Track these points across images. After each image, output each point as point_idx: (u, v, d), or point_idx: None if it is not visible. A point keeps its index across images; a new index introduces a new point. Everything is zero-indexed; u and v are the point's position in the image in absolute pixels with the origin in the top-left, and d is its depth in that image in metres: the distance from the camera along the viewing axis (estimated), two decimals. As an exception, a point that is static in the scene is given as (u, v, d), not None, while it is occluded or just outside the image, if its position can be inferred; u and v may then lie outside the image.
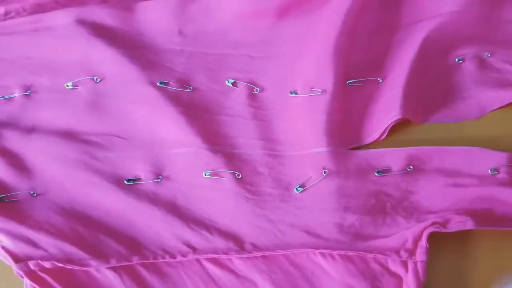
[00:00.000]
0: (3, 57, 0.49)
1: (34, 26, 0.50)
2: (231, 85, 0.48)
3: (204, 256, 0.42)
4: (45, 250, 0.42)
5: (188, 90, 0.48)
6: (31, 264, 0.41)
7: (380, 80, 0.48)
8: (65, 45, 0.49)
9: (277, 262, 0.43)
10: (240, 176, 0.45)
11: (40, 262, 0.41)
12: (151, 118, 0.46)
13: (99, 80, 0.48)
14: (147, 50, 0.49)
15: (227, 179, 0.45)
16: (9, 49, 0.49)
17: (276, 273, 0.42)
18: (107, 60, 0.48)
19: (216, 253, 0.42)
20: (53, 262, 0.41)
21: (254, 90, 0.48)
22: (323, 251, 0.42)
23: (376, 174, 0.45)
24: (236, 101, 0.48)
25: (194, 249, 0.42)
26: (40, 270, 0.42)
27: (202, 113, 0.47)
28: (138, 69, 0.47)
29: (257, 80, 0.49)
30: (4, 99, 0.47)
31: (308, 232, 0.43)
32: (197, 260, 0.42)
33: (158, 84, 0.47)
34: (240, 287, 0.42)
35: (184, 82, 0.48)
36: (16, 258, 0.42)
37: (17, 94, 0.47)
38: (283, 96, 0.48)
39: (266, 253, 0.42)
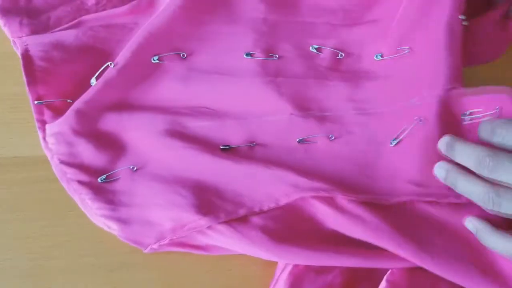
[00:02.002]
0: (100, 48, 0.49)
1: (133, 19, 0.50)
2: (315, 51, 0.49)
3: (309, 193, 0.41)
4: (159, 224, 0.42)
5: (274, 58, 0.48)
6: (155, 246, 0.41)
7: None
8: (153, 24, 0.48)
9: (381, 206, 0.42)
10: (333, 138, 0.45)
11: (160, 243, 0.41)
12: (240, 89, 0.47)
13: (185, 55, 0.48)
14: (232, 20, 0.49)
15: (320, 142, 0.45)
16: (107, 42, 0.49)
17: (382, 213, 0.41)
18: (192, 37, 0.48)
19: (318, 190, 0.41)
20: (170, 237, 0.41)
21: (339, 55, 0.48)
22: (427, 199, 0.41)
23: (462, 117, 0.43)
24: (322, 66, 0.48)
25: (297, 186, 0.42)
26: (166, 245, 0.42)
27: (289, 79, 0.47)
28: (225, 42, 0.48)
29: (341, 46, 0.49)
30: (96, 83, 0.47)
31: (409, 182, 0.42)
32: (304, 200, 0.42)
33: (244, 56, 0.48)
34: (347, 222, 0.41)
35: (269, 51, 0.48)
36: (140, 244, 0.42)
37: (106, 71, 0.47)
38: (369, 60, 0.48)
39: (371, 199, 0.41)
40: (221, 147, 0.45)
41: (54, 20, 0.50)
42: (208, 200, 0.42)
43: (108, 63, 0.47)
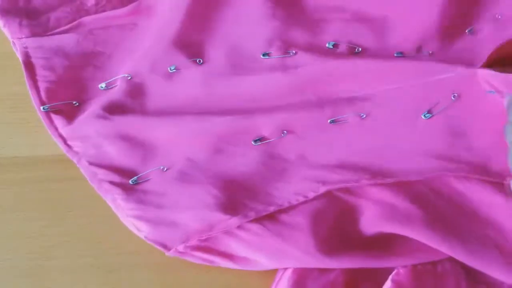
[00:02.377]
0: (101, 51, 0.49)
1: (133, 20, 0.50)
2: (332, 47, 0.48)
3: (336, 186, 0.41)
4: (186, 225, 0.41)
5: (291, 54, 0.47)
6: (180, 248, 0.41)
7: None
8: (163, 31, 0.49)
9: (412, 187, 0.42)
10: (364, 116, 0.44)
11: (187, 244, 0.41)
12: (262, 86, 0.46)
13: (202, 61, 0.48)
14: (242, 20, 0.49)
15: (352, 121, 0.44)
16: (107, 44, 0.49)
17: (413, 191, 0.41)
18: (206, 42, 0.48)
19: (347, 182, 0.41)
20: (198, 237, 0.40)
21: (356, 50, 0.48)
22: (458, 174, 0.41)
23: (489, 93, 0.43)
24: (343, 55, 0.48)
25: (324, 182, 0.42)
26: (191, 250, 0.41)
27: (311, 68, 0.46)
28: (239, 43, 0.48)
29: (356, 41, 0.48)
30: (107, 89, 0.47)
31: (439, 157, 0.42)
32: (330, 193, 0.42)
33: (261, 57, 0.47)
34: (379, 210, 0.41)
35: (285, 48, 0.48)
36: (165, 246, 0.41)
37: (118, 83, 0.47)
38: (389, 55, 0.48)
39: (399, 180, 0.41)
40: (253, 141, 0.44)
41: (54, 21, 0.50)
42: (237, 199, 0.42)
43: (126, 75, 0.47)
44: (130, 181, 0.43)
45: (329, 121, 0.45)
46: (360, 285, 0.41)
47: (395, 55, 0.47)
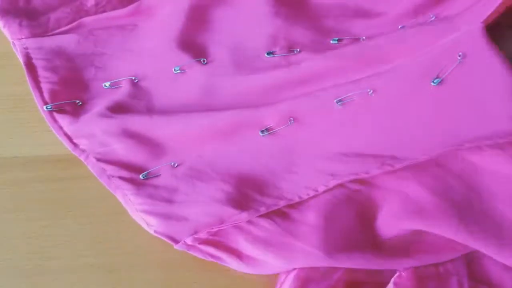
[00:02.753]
0: (102, 51, 0.49)
1: (133, 20, 0.50)
2: (336, 42, 0.48)
3: (346, 178, 0.41)
4: (197, 221, 0.41)
5: (295, 52, 0.47)
6: (188, 240, 0.41)
7: None
8: (165, 33, 0.49)
9: (423, 167, 0.41)
10: (371, 92, 0.43)
11: (196, 236, 0.41)
12: (267, 84, 0.46)
13: (206, 61, 0.48)
14: (244, 19, 0.49)
15: (358, 100, 0.43)
16: (108, 44, 0.49)
17: (424, 177, 0.41)
18: (210, 42, 0.48)
19: (356, 173, 0.41)
20: (208, 230, 0.40)
21: (361, 40, 0.48)
22: (468, 145, 0.39)
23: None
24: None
25: (334, 175, 0.41)
26: (200, 243, 0.41)
27: (314, 61, 0.46)
28: (243, 45, 0.48)
29: (360, 35, 0.48)
30: (111, 88, 0.47)
31: (447, 131, 0.41)
32: (341, 186, 0.42)
33: (266, 55, 0.48)
34: (391, 199, 0.41)
35: (289, 46, 0.48)
36: (173, 239, 0.41)
37: (123, 84, 0.48)
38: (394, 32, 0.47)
39: (409, 163, 0.40)
40: (260, 132, 0.44)
41: (54, 21, 0.50)
42: (247, 194, 0.42)
43: (132, 77, 0.48)
44: (140, 176, 0.43)
45: (335, 101, 0.44)
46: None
47: (399, 27, 0.47)
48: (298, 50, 0.48)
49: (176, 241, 0.41)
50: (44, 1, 0.51)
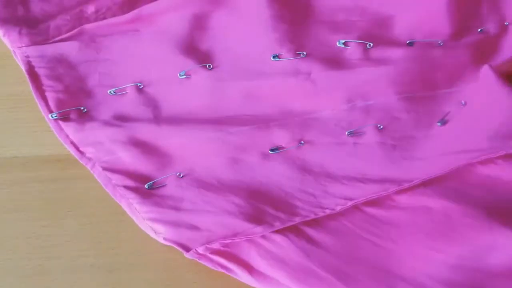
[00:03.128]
0: (105, 58, 0.49)
1: (134, 26, 0.50)
2: (342, 45, 0.48)
3: (363, 199, 0.41)
4: (209, 231, 0.41)
5: (302, 56, 0.47)
6: (200, 249, 0.40)
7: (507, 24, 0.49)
8: (169, 38, 0.49)
9: (440, 182, 0.42)
10: (381, 127, 0.45)
11: (208, 246, 0.40)
12: (275, 91, 0.46)
13: (211, 67, 0.48)
14: (249, 23, 0.49)
15: (369, 133, 0.44)
16: (110, 50, 0.49)
17: (444, 192, 0.41)
18: (215, 47, 0.48)
19: (374, 193, 0.41)
20: (221, 241, 0.40)
21: (367, 46, 0.48)
22: (481, 158, 0.41)
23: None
24: (353, 58, 0.48)
25: (351, 199, 0.41)
26: (211, 253, 0.41)
27: (324, 73, 0.47)
28: (248, 49, 0.48)
29: (366, 39, 0.48)
30: (116, 95, 0.47)
31: (461, 152, 0.42)
32: (357, 208, 0.41)
33: (272, 58, 0.47)
34: (412, 216, 0.41)
35: (295, 50, 0.48)
36: (184, 247, 0.41)
37: (128, 90, 0.47)
38: (399, 48, 0.48)
39: (425, 178, 0.41)
40: (270, 151, 0.44)
41: (54, 29, 0.49)
42: (261, 208, 0.41)
43: (138, 84, 0.47)
44: (145, 186, 0.43)
45: (347, 133, 0.44)
46: None
47: (407, 42, 0.48)
48: (304, 53, 0.47)
49: (187, 249, 0.41)
50: (43, 9, 0.50)
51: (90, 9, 0.50)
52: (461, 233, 0.39)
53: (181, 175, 0.44)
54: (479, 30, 0.49)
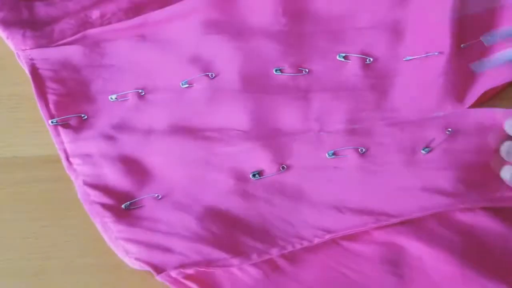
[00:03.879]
0: (109, 63, 0.49)
1: (139, 32, 0.49)
2: (343, 59, 0.48)
3: (341, 233, 0.41)
4: (183, 255, 0.40)
5: (304, 73, 0.48)
6: (173, 273, 0.40)
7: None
8: (173, 46, 0.49)
9: (417, 224, 0.41)
10: (363, 151, 0.44)
11: (182, 270, 0.40)
12: (270, 107, 0.46)
13: (214, 76, 0.47)
14: (255, 36, 0.49)
15: (351, 156, 0.44)
16: (114, 56, 0.49)
17: (421, 232, 0.41)
18: (220, 55, 0.48)
19: (352, 228, 0.41)
20: (196, 268, 0.40)
21: (367, 60, 0.48)
22: (461, 207, 0.41)
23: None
24: (351, 74, 0.48)
25: (329, 231, 0.41)
26: (183, 278, 0.40)
27: (320, 94, 0.47)
28: (251, 60, 0.48)
29: (368, 51, 0.49)
30: (118, 101, 0.47)
31: (440, 192, 0.42)
32: (334, 242, 0.42)
33: (274, 72, 0.47)
34: (387, 253, 0.41)
35: (298, 65, 0.48)
36: (156, 268, 0.40)
37: (130, 97, 0.47)
38: (397, 63, 0.48)
39: (403, 219, 0.41)
40: (251, 177, 0.44)
41: (58, 32, 0.49)
42: (238, 238, 0.41)
43: (139, 90, 0.47)
44: (122, 206, 0.43)
45: (327, 155, 0.44)
46: None
47: (404, 60, 0.48)
48: (306, 70, 0.48)
49: (159, 271, 0.40)
50: (48, 12, 0.50)
51: (95, 14, 0.50)
52: (433, 278, 0.39)
53: (159, 197, 0.44)
54: (461, 45, 0.49)
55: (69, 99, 0.47)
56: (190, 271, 0.40)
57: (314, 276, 0.40)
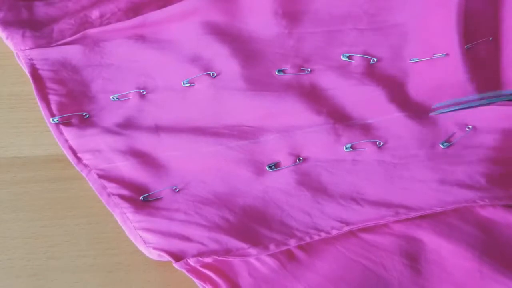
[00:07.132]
0: (109, 63, 0.49)
1: (139, 32, 0.50)
2: (347, 59, 0.48)
3: (360, 226, 0.41)
4: (201, 244, 0.40)
5: (306, 72, 0.47)
6: (191, 261, 0.40)
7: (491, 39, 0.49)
8: (173, 46, 0.49)
9: (437, 218, 0.41)
10: (381, 144, 0.44)
11: (200, 258, 0.40)
12: (277, 104, 0.46)
13: (215, 75, 0.47)
14: (256, 38, 0.49)
15: (369, 149, 0.44)
16: (114, 55, 0.49)
17: (440, 227, 0.40)
18: (220, 56, 0.48)
19: (371, 221, 0.41)
20: (214, 256, 0.39)
21: (371, 61, 0.48)
22: (481, 203, 0.40)
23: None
24: (357, 73, 0.47)
25: (347, 223, 0.41)
26: (201, 266, 0.40)
27: (326, 91, 0.47)
28: (253, 61, 0.48)
29: (371, 51, 0.48)
30: (119, 101, 0.47)
31: (460, 187, 0.41)
32: (352, 233, 0.41)
33: (276, 73, 0.47)
34: (406, 246, 0.40)
35: (300, 65, 0.48)
36: (175, 257, 0.40)
37: (131, 96, 0.47)
38: (403, 64, 0.48)
39: (423, 213, 0.41)
40: (268, 168, 0.44)
41: (57, 32, 0.49)
42: (256, 229, 0.41)
43: (141, 90, 0.47)
44: (141, 198, 0.43)
45: (344, 148, 0.44)
46: None
47: (410, 61, 0.48)
48: (309, 70, 0.48)
49: (177, 259, 0.40)
50: (47, 12, 0.50)
51: (95, 14, 0.50)
52: (452, 273, 0.39)
53: (177, 189, 0.44)
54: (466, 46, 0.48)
55: (69, 99, 0.47)
56: (208, 259, 0.40)
57: (331, 267, 0.40)
